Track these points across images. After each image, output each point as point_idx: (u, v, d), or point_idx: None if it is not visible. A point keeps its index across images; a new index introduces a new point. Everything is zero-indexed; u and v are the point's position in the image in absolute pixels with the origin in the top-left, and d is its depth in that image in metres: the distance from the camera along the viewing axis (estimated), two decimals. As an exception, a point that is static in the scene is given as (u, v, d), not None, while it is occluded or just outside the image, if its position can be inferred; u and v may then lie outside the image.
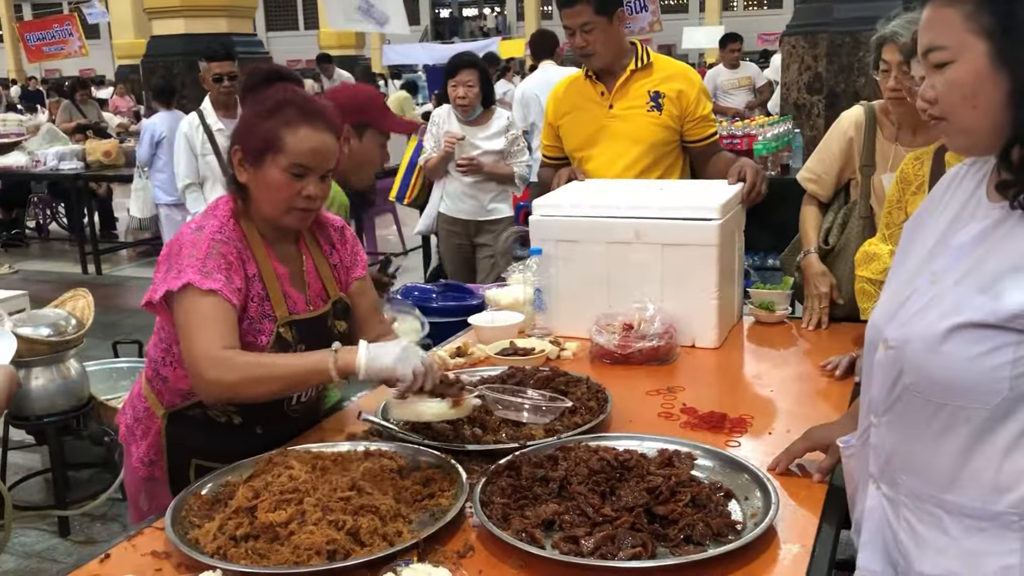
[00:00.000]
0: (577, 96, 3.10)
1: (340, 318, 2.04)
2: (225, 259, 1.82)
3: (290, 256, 1.98)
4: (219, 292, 1.78)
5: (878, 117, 2.58)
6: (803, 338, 2.58)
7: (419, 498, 1.66)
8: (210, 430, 1.96)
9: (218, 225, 1.88)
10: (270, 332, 1.88)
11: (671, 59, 3.11)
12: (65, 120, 10.95)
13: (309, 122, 1.86)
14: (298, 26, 35.54)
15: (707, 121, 3.02)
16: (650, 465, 1.67)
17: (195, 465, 1.97)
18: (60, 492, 3.60)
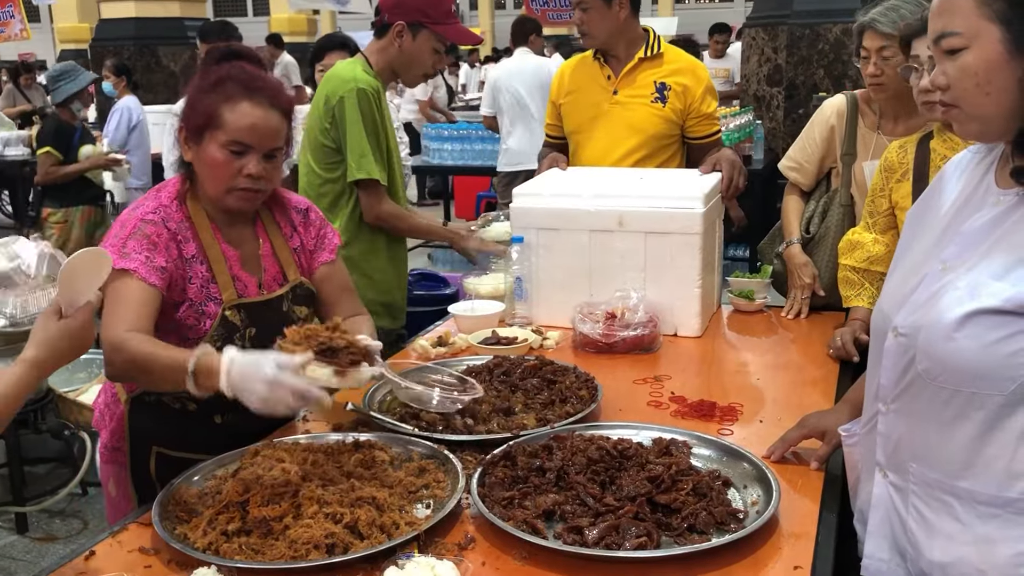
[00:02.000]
0: (583, 76, 3.05)
1: (300, 303, 1.96)
2: (149, 239, 1.77)
3: (244, 238, 1.91)
4: (133, 272, 1.73)
5: (860, 105, 2.60)
6: (783, 327, 2.59)
7: (414, 489, 1.63)
8: (167, 417, 1.90)
9: (154, 206, 1.83)
10: (215, 315, 1.82)
11: (683, 52, 3.06)
12: (8, 105, 10.62)
13: (250, 97, 1.79)
14: (247, 12, 34.95)
15: (710, 119, 2.99)
16: (648, 454, 1.65)
17: (155, 452, 1.92)
18: (17, 488, 3.49)
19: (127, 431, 1.95)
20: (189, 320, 1.82)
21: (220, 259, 1.86)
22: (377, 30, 2.76)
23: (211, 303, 1.83)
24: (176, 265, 1.80)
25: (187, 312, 1.81)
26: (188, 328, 1.81)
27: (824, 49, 6.34)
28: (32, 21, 17.17)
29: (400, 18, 2.69)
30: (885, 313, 1.40)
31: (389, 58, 2.73)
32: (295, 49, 19.72)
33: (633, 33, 2.96)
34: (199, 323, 1.82)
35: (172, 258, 1.79)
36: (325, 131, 2.66)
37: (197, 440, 1.85)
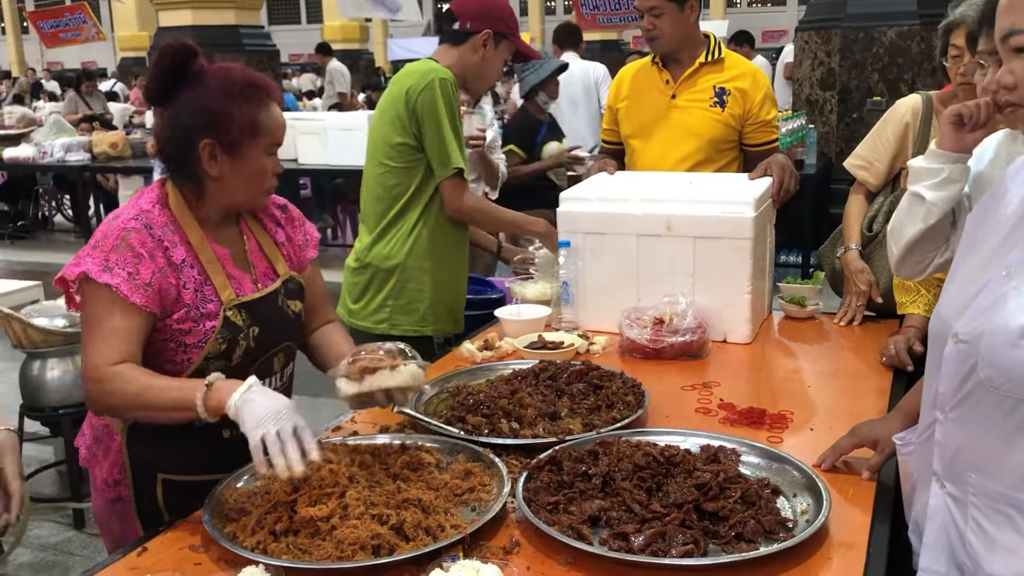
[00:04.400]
0: (642, 81, 3.03)
1: (293, 298, 1.93)
2: (133, 251, 1.70)
3: (230, 237, 1.87)
4: (115, 288, 1.67)
5: (935, 106, 2.54)
6: (836, 334, 2.55)
7: (459, 492, 1.63)
8: (173, 439, 1.78)
9: (135, 213, 1.75)
10: (215, 317, 1.76)
11: (743, 59, 3.04)
12: (71, 111, 10.91)
13: (273, 99, 1.81)
14: (300, 20, 35.46)
15: (769, 127, 2.94)
16: (696, 461, 1.64)
17: (162, 480, 1.84)
18: (75, 484, 3.57)
19: (127, 463, 1.84)
20: (186, 326, 1.75)
21: (213, 260, 1.80)
22: (454, 37, 2.72)
23: (209, 305, 1.76)
24: (164, 275, 1.72)
25: (183, 317, 1.75)
26: (185, 334, 1.75)
27: (879, 53, 6.24)
28: (93, 30, 17.63)
29: (487, 26, 2.69)
30: (945, 319, 1.36)
31: (466, 65, 2.70)
32: (347, 56, 20.05)
33: (696, 38, 2.94)
34: (200, 325, 1.75)
35: (158, 268, 1.71)
36: (404, 128, 2.62)
37: (205, 460, 1.79)
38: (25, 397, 3.53)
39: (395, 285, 2.70)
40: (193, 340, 1.75)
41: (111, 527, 1.92)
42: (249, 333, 1.80)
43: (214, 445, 1.80)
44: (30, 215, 10.12)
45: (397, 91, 2.64)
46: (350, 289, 2.79)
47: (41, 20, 9.75)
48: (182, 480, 1.81)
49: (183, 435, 1.76)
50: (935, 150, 1.71)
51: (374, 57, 23.11)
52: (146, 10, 17.68)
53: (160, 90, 1.77)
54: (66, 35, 9.36)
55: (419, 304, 2.72)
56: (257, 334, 1.81)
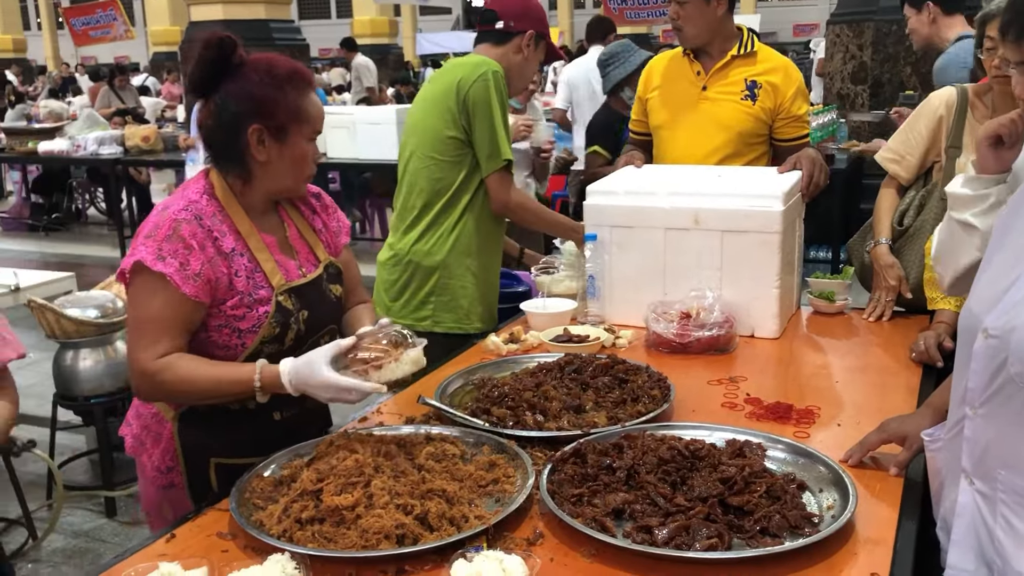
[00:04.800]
0: (672, 72, 3.00)
1: (334, 282, 1.99)
2: (184, 243, 1.74)
3: (273, 225, 1.92)
4: (169, 277, 1.71)
5: (970, 98, 2.50)
6: (865, 329, 2.52)
7: (483, 483, 1.63)
8: (225, 423, 1.86)
9: (184, 203, 1.80)
10: (268, 302, 1.82)
11: (776, 53, 3.00)
12: (104, 105, 11.04)
13: (312, 87, 1.87)
14: (330, 14, 35.61)
15: (800, 122, 2.91)
16: (721, 455, 1.63)
17: (214, 464, 1.88)
18: (107, 473, 3.63)
19: (179, 449, 1.89)
20: (240, 312, 1.80)
21: (262, 247, 1.85)
22: (497, 36, 2.74)
23: (261, 291, 1.82)
24: (213, 265, 1.76)
25: (237, 304, 1.80)
26: (239, 320, 1.80)
27: (911, 46, 6.16)
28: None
29: (530, 27, 2.74)
30: (975, 314, 1.35)
31: (509, 65, 2.72)
32: (376, 51, 20.10)
33: (728, 30, 2.91)
34: (251, 311, 1.80)
35: (208, 258, 1.76)
36: (453, 120, 2.62)
37: (256, 442, 1.83)
38: (58, 386, 3.59)
39: (437, 282, 2.70)
40: (247, 325, 1.80)
41: (162, 514, 1.94)
42: (299, 316, 1.86)
43: (265, 427, 1.87)
44: (64, 208, 10.26)
45: (447, 83, 2.64)
46: (387, 287, 2.78)
47: (74, 17, 9.88)
48: (235, 463, 1.82)
49: (235, 419, 1.84)
50: (977, 177, 1.63)
51: (403, 52, 23.16)
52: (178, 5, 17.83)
53: (204, 80, 1.82)
54: (95, 33, 9.48)
55: (462, 300, 2.72)
56: (306, 317, 1.87)
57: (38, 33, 31.75)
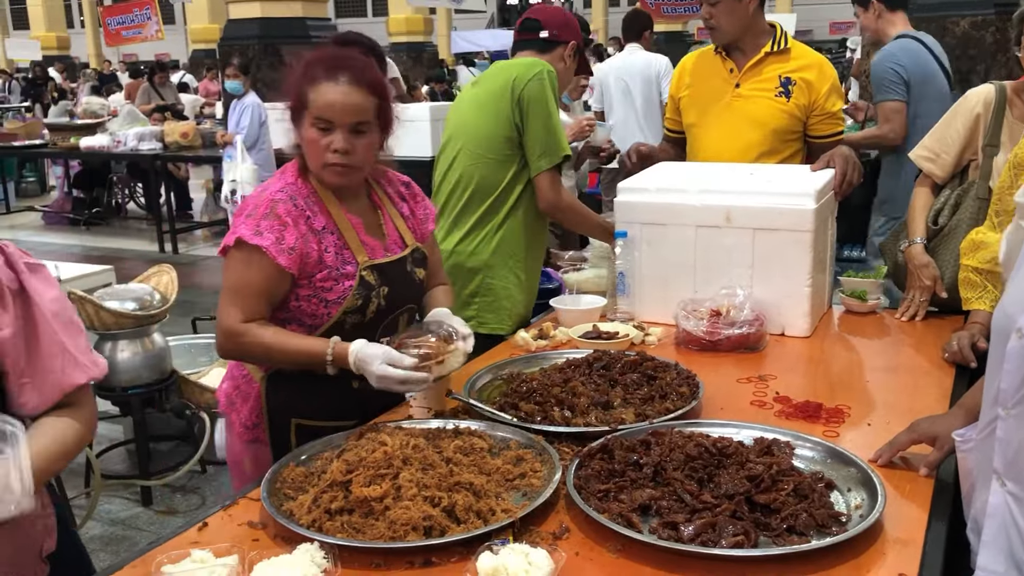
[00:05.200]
0: (705, 70, 3.00)
1: (419, 266, 2.13)
2: (280, 219, 1.89)
3: (363, 209, 2.06)
4: (265, 250, 1.86)
5: (1009, 96, 2.47)
6: (897, 329, 2.50)
7: (511, 477, 1.64)
8: (309, 387, 2.00)
9: (281, 185, 1.96)
10: (353, 277, 1.96)
11: (810, 49, 2.99)
12: (144, 102, 11.21)
13: (331, 77, 1.89)
14: (367, 13, 35.83)
15: (835, 118, 2.89)
16: (749, 453, 1.63)
17: (295, 425, 2.02)
18: (143, 463, 3.69)
19: (265, 408, 2.04)
20: (328, 284, 1.94)
21: (349, 227, 1.99)
22: (541, 45, 2.77)
23: (347, 267, 1.95)
24: (305, 240, 1.91)
25: (326, 277, 1.93)
26: (327, 291, 1.94)
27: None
28: (167, 23, 17.99)
29: (572, 38, 2.81)
30: (1009, 314, 1.33)
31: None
32: (411, 48, 20.16)
33: (760, 27, 2.90)
34: (338, 284, 1.94)
35: (301, 234, 1.90)
36: (506, 119, 2.63)
37: (335, 406, 1.99)
38: (97, 377, 3.64)
39: (482, 282, 2.71)
40: (333, 297, 1.94)
41: (243, 468, 2.11)
42: (380, 292, 1.99)
43: (344, 394, 1.98)
44: (104, 202, 10.44)
45: (501, 82, 2.65)
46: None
47: (110, 16, 10.02)
48: (314, 425, 1.98)
49: (318, 383, 1.97)
50: None
51: (438, 49, 23.23)
52: (217, 3, 18.04)
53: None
54: (128, 32, 9.62)
55: (505, 302, 2.72)
56: (386, 293, 2.00)
57: (81, 31, 32.27)
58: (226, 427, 2.16)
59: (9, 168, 11.33)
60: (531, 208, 2.69)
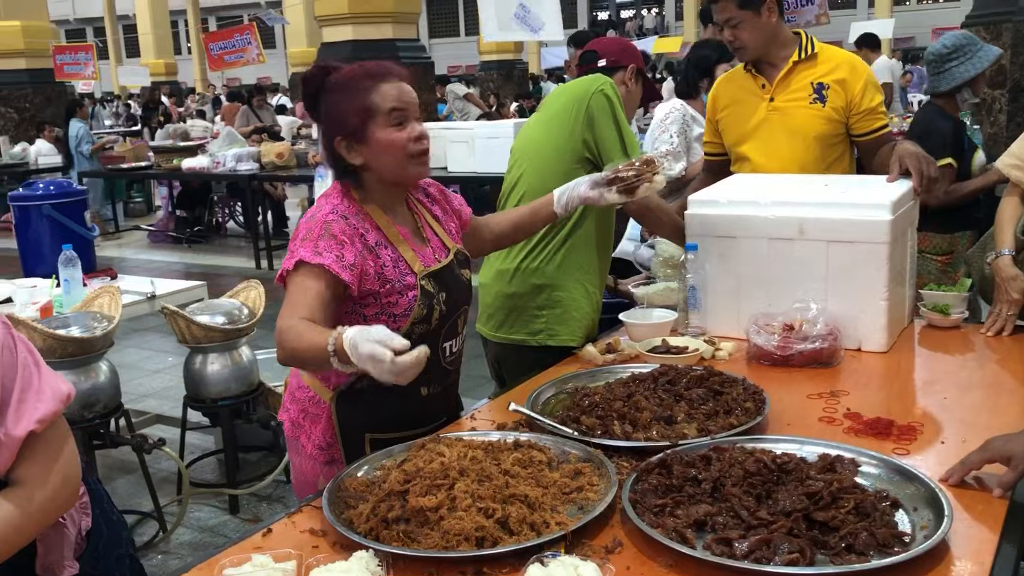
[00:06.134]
0: (738, 90, 3.01)
1: (464, 267, 2.14)
2: (336, 239, 1.89)
3: (405, 218, 2.08)
4: (327, 267, 1.85)
5: None
6: (982, 344, 2.40)
7: (567, 491, 1.64)
8: (378, 400, 1.99)
9: (330, 207, 1.96)
10: (415, 287, 1.97)
11: (838, 49, 2.97)
12: (243, 124, 11.63)
13: (381, 79, 1.95)
14: (459, 32, 36.40)
15: (875, 114, 2.84)
16: (810, 470, 1.59)
17: (369, 439, 2.02)
18: (231, 472, 3.82)
19: (338, 427, 2.03)
20: (393, 298, 1.95)
21: (400, 239, 2.00)
22: (602, 72, 2.80)
23: (407, 278, 1.97)
24: (363, 256, 1.92)
25: (390, 291, 1.95)
26: (393, 306, 1.95)
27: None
28: (268, 47, 18.59)
29: (631, 62, 2.85)
30: None
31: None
32: (502, 66, 20.35)
33: (785, 38, 2.89)
34: (402, 297, 1.95)
35: (358, 251, 1.91)
36: (574, 134, 2.62)
37: (406, 417, 2.02)
38: (188, 389, 3.81)
39: (549, 296, 2.70)
40: (400, 310, 1.96)
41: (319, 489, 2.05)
42: (440, 298, 2.01)
43: (414, 402, 2.03)
44: (205, 221, 10.86)
45: (566, 100, 2.68)
46: (494, 308, 2.77)
47: (212, 42, 10.44)
48: (388, 437, 1.96)
49: (387, 395, 1.91)
50: None
51: (528, 66, 23.40)
52: (315, 27, 18.58)
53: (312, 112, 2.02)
54: (230, 57, 10.00)
55: (575, 313, 2.70)
56: (445, 299, 2.02)
57: (188, 57, 33.75)
58: (294, 452, 2.14)
59: (119, 189, 11.90)
60: (596, 221, 2.68)
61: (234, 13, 36.00)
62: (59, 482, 1.48)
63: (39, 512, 1.45)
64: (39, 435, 1.45)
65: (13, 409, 1.43)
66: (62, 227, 4.20)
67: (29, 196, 4.33)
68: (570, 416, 1.94)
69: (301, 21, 19.58)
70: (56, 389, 1.49)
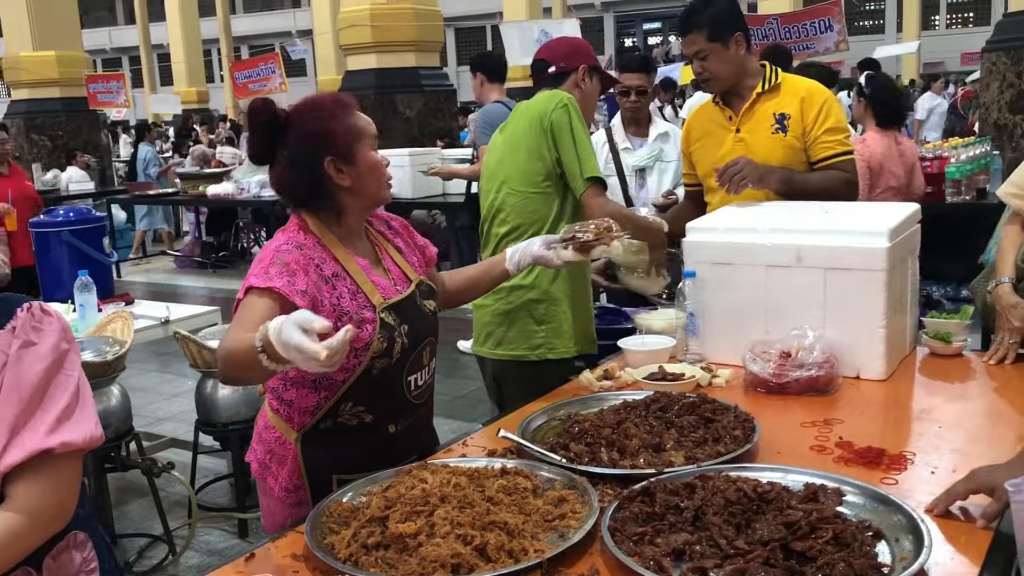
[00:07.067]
0: (707, 122, 3.07)
1: (427, 297, 2.12)
2: (288, 266, 1.86)
3: (364, 249, 2.06)
4: (276, 288, 1.80)
5: None
6: (984, 373, 2.37)
7: (550, 518, 1.64)
8: (345, 439, 1.99)
9: (285, 239, 1.95)
10: (373, 320, 1.93)
11: (801, 78, 3.00)
12: (268, 151, 11.77)
13: (353, 107, 2.01)
14: (487, 59, 36.64)
15: (825, 141, 2.85)
16: (792, 499, 1.58)
17: (336, 481, 1.97)
18: (241, 496, 3.84)
19: (304, 469, 2.00)
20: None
21: (359, 270, 1.98)
22: (553, 80, 2.88)
23: (366, 311, 1.93)
24: (317, 288, 1.88)
25: (347, 323, 1.83)
26: (352, 340, 1.81)
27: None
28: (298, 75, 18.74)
29: (581, 62, 2.89)
30: None
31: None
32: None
33: (751, 69, 2.95)
34: (361, 330, 1.91)
35: (312, 280, 1.88)
36: (539, 152, 2.73)
37: (375, 456, 1.95)
38: (200, 413, 3.84)
39: (546, 311, 2.79)
40: (360, 344, 1.91)
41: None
42: (401, 331, 1.98)
43: (382, 441, 2.00)
44: (231, 246, 10.98)
45: (528, 120, 2.77)
46: (493, 327, 2.84)
47: (238, 70, 10.61)
48: (355, 478, 1.88)
49: (354, 435, 1.97)
50: None
51: (555, 92, 23.56)
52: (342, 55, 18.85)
53: (267, 143, 1.98)
54: (254, 86, 10.15)
55: (567, 326, 2.79)
56: (407, 331, 1.99)
57: (220, 85, 34.27)
58: (262, 494, 2.10)
59: (147, 215, 12.08)
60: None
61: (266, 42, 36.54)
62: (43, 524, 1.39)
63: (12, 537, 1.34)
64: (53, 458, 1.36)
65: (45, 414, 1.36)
66: (81, 253, 4.27)
67: (49, 223, 4.42)
68: (559, 443, 1.94)
69: (330, 50, 19.86)
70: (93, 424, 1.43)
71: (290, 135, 1.96)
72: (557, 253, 2.34)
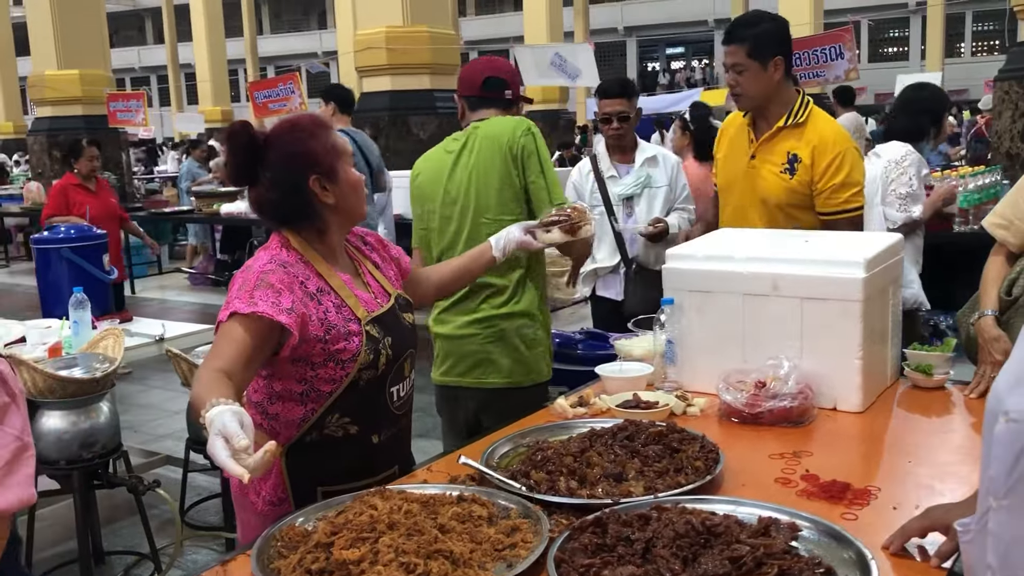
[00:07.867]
0: (736, 136, 3.06)
1: (406, 311, 2.16)
2: (273, 287, 1.88)
3: (346, 265, 2.10)
4: (261, 314, 1.82)
5: None
6: (964, 406, 2.33)
7: (500, 547, 1.62)
8: (330, 451, 2.01)
9: (268, 257, 1.97)
10: (359, 333, 1.98)
11: (830, 123, 2.94)
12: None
13: (330, 128, 2.06)
14: (508, 82, 36.83)
15: (835, 193, 2.83)
16: (742, 533, 1.55)
17: (322, 493, 1.97)
18: (228, 515, 3.83)
19: (288, 481, 2.01)
20: (340, 345, 1.95)
21: (342, 285, 2.02)
22: (506, 103, 2.93)
23: (351, 324, 1.98)
24: (304, 304, 1.91)
25: (335, 336, 1.94)
26: (340, 352, 1.95)
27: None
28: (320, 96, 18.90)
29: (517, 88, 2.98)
30: (999, 394, 1.22)
31: None
32: (547, 116, 20.55)
33: (785, 97, 2.91)
34: (348, 343, 1.96)
35: (298, 298, 1.91)
36: (509, 179, 2.77)
37: (360, 467, 2.01)
38: (191, 431, 3.85)
39: (529, 335, 2.83)
40: (346, 356, 1.96)
41: None
42: (385, 343, 2.02)
43: (367, 452, 2.04)
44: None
45: (494, 147, 2.77)
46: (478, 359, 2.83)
47: (257, 90, 10.70)
48: (341, 489, 1.90)
49: (339, 446, 2.00)
50: None
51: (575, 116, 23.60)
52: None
53: (248, 165, 1.99)
54: (274, 106, 10.22)
55: (544, 351, 2.87)
56: (391, 343, 2.04)
57: (245, 104, 34.66)
58: (242, 509, 2.10)
59: (164, 232, 12.20)
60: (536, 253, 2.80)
61: (292, 63, 36.98)
62: None
63: None
64: None
65: None
66: (80, 270, 4.31)
67: (50, 239, 4.46)
68: (521, 471, 1.92)
69: (352, 72, 20.07)
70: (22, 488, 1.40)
71: (271, 156, 1.99)
72: (540, 237, 2.42)
